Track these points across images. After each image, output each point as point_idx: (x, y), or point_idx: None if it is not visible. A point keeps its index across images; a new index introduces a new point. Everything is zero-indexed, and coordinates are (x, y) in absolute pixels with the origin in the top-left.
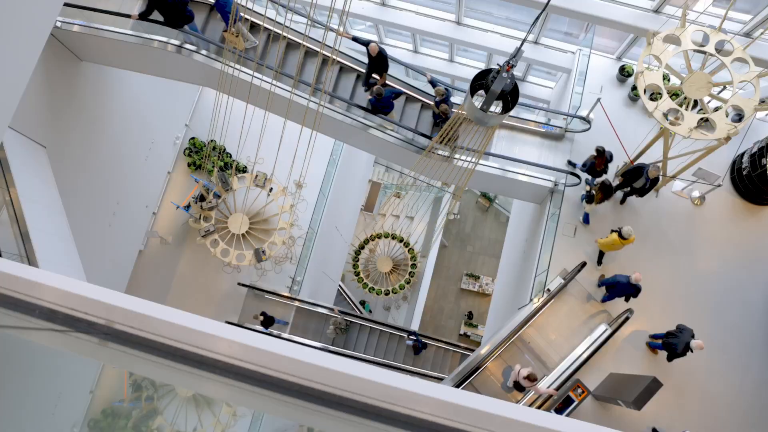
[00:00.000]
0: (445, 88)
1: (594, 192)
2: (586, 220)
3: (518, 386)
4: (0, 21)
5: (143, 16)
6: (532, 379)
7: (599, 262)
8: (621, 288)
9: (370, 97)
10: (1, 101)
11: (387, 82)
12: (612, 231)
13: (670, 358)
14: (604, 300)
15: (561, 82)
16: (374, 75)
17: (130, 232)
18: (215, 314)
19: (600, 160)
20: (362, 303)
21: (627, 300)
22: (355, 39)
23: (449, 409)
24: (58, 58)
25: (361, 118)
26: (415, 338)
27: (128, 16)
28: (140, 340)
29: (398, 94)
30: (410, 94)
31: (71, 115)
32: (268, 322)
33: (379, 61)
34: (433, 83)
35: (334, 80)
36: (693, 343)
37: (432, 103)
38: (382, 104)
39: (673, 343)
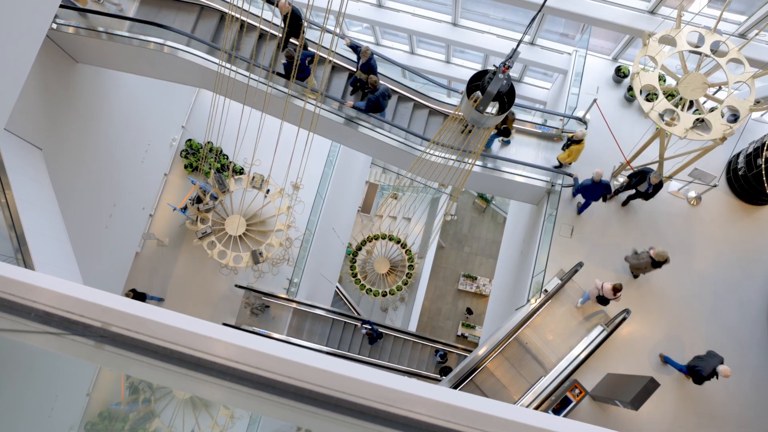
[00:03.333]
0: (370, 50)
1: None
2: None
3: (602, 300)
4: None
5: None
6: (618, 289)
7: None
8: (591, 189)
9: (283, 61)
10: None
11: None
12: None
13: (697, 382)
14: (580, 211)
15: (557, 83)
16: (292, 40)
17: (126, 234)
18: (212, 316)
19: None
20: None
21: (605, 200)
22: (269, 1)
23: (446, 410)
24: (54, 60)
25: (358, 120)
26: (369, 327)
27: (123, 17)
28: (137, 342)
29: (313, 57)
30: (337, 63)
31: (67, 117)
32: (138, 298)
33: (292, 22)
34: (353, 47)
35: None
36: (720, 368)
37: (357, 69)
38: (297, 68)
39: (698, 367)
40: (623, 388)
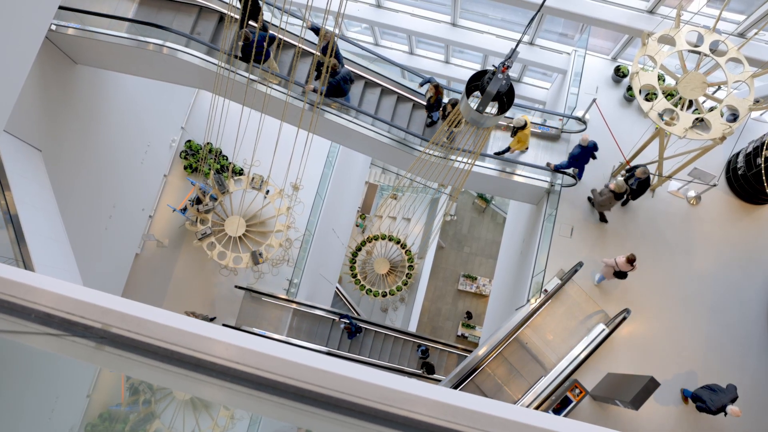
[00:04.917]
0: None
1: (432, 95)
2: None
3: (620, 275)
4: None
5: None
6: (633, 259)
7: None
8: (582, 155)
9: (240, 43)
10: None
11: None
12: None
13: (700, 410)
14: (580, 176)
15: (556, 82)
16: (251, 22)
17: (126, 235)
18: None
19: (436, 92)
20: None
21: (594, 158)
22: None
23: (446, 410)
24: (54, 62)
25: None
26: (347, 321)
27: (123, 18)
28: (137, 343)
29: (272, 39)
30: (300, 46)
31: (67, 118)
32: None
33: (250, 2)
34: (314, 29)
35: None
36: (730, 408)
37: (318, 53)
38: (254, 50)
39: (704, 401)
40: (623, 388)
